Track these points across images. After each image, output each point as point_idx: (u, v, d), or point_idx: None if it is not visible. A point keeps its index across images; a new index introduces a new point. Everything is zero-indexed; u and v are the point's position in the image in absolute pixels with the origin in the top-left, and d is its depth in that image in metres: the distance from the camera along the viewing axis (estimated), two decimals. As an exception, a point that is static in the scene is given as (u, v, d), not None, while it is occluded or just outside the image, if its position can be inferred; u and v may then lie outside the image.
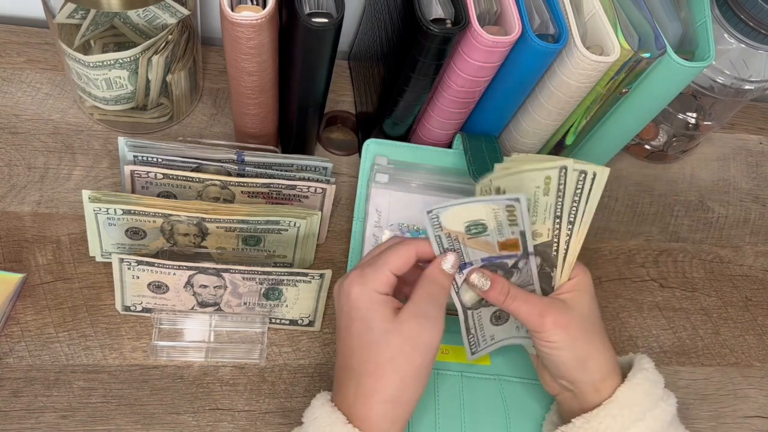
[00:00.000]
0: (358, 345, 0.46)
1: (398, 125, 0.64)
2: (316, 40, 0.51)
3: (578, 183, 0.49)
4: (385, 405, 0.45)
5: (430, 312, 0.47)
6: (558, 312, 0.49)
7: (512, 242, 0.49)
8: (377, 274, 0.47)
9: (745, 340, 0.69)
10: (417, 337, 0.46)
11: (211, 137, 0.68)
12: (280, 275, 0.56)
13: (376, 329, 0.46)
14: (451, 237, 0.48)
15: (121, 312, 0.57)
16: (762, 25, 0.61)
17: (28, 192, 0.62)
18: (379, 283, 0.47)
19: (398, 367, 0.45)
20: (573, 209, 0.50)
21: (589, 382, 0.50)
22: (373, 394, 0.45)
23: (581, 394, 0.51)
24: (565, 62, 0.54)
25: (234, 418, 0.56)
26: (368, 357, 0.46)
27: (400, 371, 0.45)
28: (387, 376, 0.45)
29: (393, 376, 0.45)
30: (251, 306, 0.58)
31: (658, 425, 0.49)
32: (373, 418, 0.45)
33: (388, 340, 0.45)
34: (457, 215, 0.48)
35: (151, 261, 0.54)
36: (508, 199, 0.47)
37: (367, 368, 0.46)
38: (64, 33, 0.60)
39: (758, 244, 0.76)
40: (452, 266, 0.48)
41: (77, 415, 0.53)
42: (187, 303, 0.57)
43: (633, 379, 0.50)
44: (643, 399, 0.49)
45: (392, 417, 0.46)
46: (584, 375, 0.50)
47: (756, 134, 0.85)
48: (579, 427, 0.49)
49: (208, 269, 0.54)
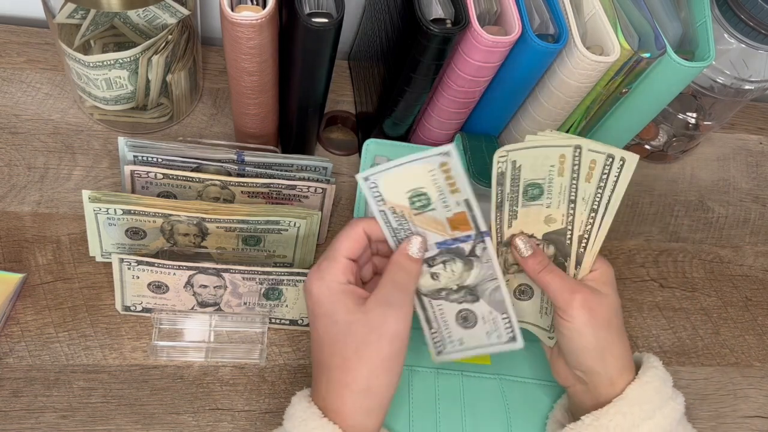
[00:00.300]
0: (326, 340, 0.46)
1: (398, 125, 0.64)
2: (316, 40, 0.51)
3: (605, 168, 0.47)
4: (355, 396, 0.45)
5: (395, 299, 0.46)
6: (589, 294, 0.49)
7: (460, 217, 0.47)
8: (332, 264, 0.47)
9: (745, 340, 0.69)
10: (382, 326, 0.45)
11: (211, 137, 0.68)
12: (280, 275, 0.56)
13: (341, 321, 0.46)
14: (397, 213, 0.47)
15: (121, 312, 0.57)
16: (762, 25, 0.61)
17: (28, 192, 0.62)
18: (336, 273, 0.46)
19: (365, 357, 0.45)
20: (597, 196, 0.49)
21: (605, 375, 0.50)
22: (343, 387, 0.45)
23: (595, 386, 0.50)
24: (565, 62, 0.54)
25: (234, 418, 0.56)
26: (335, 350, 0.46)
27: (368, 361, 0.45)
28: (355, 367, 0.45)
29: (361, 366, 0.45)
30: (251, 306, 0.58)
31: (667, 423, 0.49)
32: (346, 410, 0.45)
33: (353, 331, 0.45)
34: (396, 182, 0.46)
35: (151, 261, 0.54)
36: (439, 154, 0.44)
37: (335, 361, 0.46)
38: (64, 33, 0.60)
39: (758, 244, 0.76)
40: (418, 250, 0.47)
41: (77, 415, 0.53)
42: (187, 303, 0.57)
43: (643, 377, 0.50)
44: (653, 397, 0.49)
45: (365, 407, 0.45)
46: (602, 366, 0.50)
47: (756, 134, 0.85)
48: (588, 425, 0.49)
49: (208, 269, 0.54)
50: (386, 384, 0.46)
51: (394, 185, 0.46)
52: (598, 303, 0.49)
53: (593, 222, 0.49)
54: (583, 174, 0.48)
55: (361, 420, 0.45)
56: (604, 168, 0.47)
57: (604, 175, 0.48)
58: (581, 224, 0.50)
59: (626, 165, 0.47)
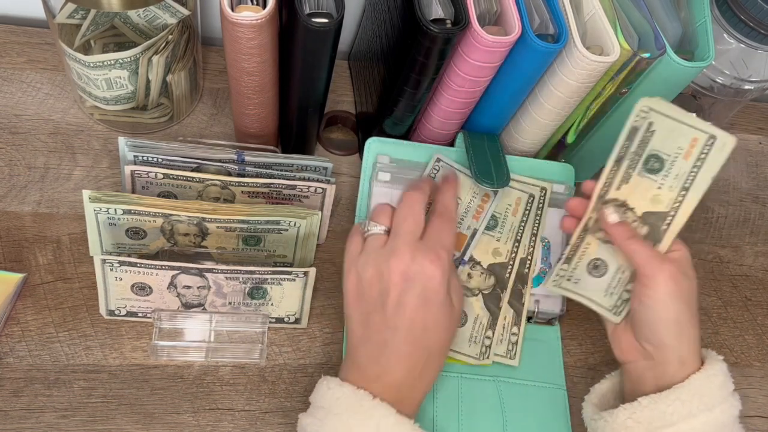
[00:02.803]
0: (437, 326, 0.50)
1: (398, 125, 0.64)
2: (316, 40, 0.51)
3: (704, 147, 0.47)
4: None
5: None
6: (676, 267, 0.50)
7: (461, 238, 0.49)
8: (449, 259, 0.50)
9: (744, 340, 0.70)
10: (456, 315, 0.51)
11: (211, 137, 0.68)
12: (263, 274, 0.55)
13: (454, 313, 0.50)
14: None
15: (105, 317, 0.57)
16: (762, 25, 0.61)
17: (28, 192, 0.62)
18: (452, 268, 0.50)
19: None
20: (692, 174, 0.48)
21: (676, 352, 0.50)
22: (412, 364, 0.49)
23: (664, 363, 0.50)
24: (565, 62, 0.54)
25: (234, 418, 0.56)
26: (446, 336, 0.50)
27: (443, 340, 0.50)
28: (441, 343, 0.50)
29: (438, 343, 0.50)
30: (236, 306, 0.58)
31: (725, 418, 0.49)
32: None
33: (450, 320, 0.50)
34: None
35: (133, 261, 0.53)
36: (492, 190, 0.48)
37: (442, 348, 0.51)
38: (64, 33, 0.60)
39: (758, 244, 0.76)
40: None
41: (77, 414, 0.53)
42: (171, 305, 0.57)
43: (710, 369, 0.49)
44: (715, 391, 0.49)
45: None
46: (676, 341, 0.50)
47: (756, 134, 0.85)
48: (645, 407, 0.49)
49: (191, 269, 0.54)
50: None
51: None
52: (683, 277, 0.50)
53: (681, 200, 0.49)
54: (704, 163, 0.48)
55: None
56: (704, 148, 0.47)
57: (703, 154, 0.47)
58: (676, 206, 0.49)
59: (723, 147, 0.47)
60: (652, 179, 0.49)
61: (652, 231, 0.50)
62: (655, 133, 0.48)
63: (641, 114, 0.49)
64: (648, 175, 0.49)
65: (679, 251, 0.51)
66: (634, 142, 0.49)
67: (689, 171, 0.47)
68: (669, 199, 0.49)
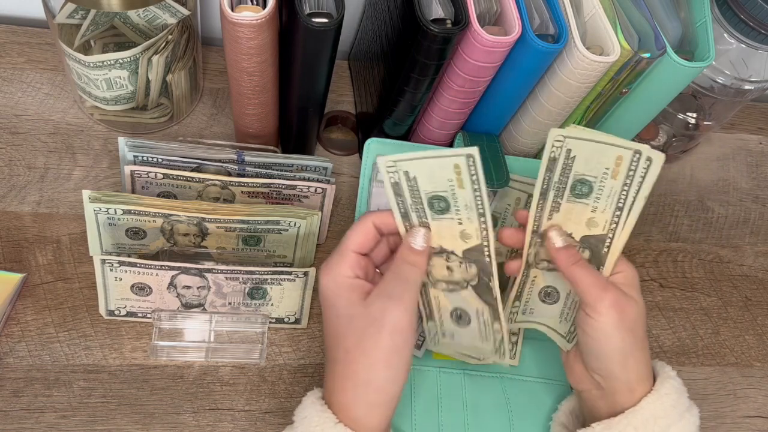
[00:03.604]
0: (331, 333, 0.47)
1: (398, 125, 0.64)
2: (316, 40, 0.51)
3: (631, 164, 0.45)
4: (358, 389, 0.45)
5: (396, 291, 0.46)
6: (620, 294, 0.48)
7: None
8: (340, 259, 0.47)
9: (745, 340, 0.70)
10: (381, 318, 0.44)
11: (211, 137, 0.68)
12: (263, 274, 0.55)
13: (342, 315, 0.46)
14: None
15: (105, 317, 0.57)
16: (762, 25, 0.61)
17: (28, 192, 0.62)
18: (343, 267, 0.47)
19: (365, 350, 0.45)
20: (623, 193, 0.46)
21: (625, 381, 0.48)
22: (346, 379, 0.45)
23: (613, 392, 0.49)
24: (565, 62, 0.54)
25: (234, 418, 0.56)
26: (338, 343, 0.46)
27: (368, 354, 0.45)
28: (356, 360, 0.45)
29: (361, 359, 0.45)
30: (236, 306, 0.58)
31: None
32: (349, 402, 0.45)
33: (354, 324, 0.45)
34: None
35: (133, 261, 0.53)
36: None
37: (338, 354, 0.46)
38: (64, 33, 0.60)
39: (758, 244, 0.76)
40: (423, 242, 0.47)
41: (77, 415, 0.53)
42: (171, 305, 0.57)
43: (661, 389, 0.48)
44: (669, 411, 0.48)
45: (368, 401, 0.45)
46: (623, 371, 0.48)
47: (756, 134, 0.85)
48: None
49: (191, 269, 0.54)
50: (389, 378, 0.45)
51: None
52: (627, 305, 0.47)
53: (618, 221, 0.48)
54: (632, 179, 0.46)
55: (365, 413, 0.45)
56: (631, 164, 0.45)
57: (631, 171, 0.46)
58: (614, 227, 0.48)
59: (653, 164, 0.45)
60: (584, 203, 0.48)
61: (594, 254, 0.49)
62: (577, 159, 0.47)
63: (556, 144, 0.47)
64: (579, 200, 0.48)
65: (623, 272, 0.49)
66: (555, 173, 0.47)
67: (620, 190, 0.46)
68: (604, 220, 0.48)
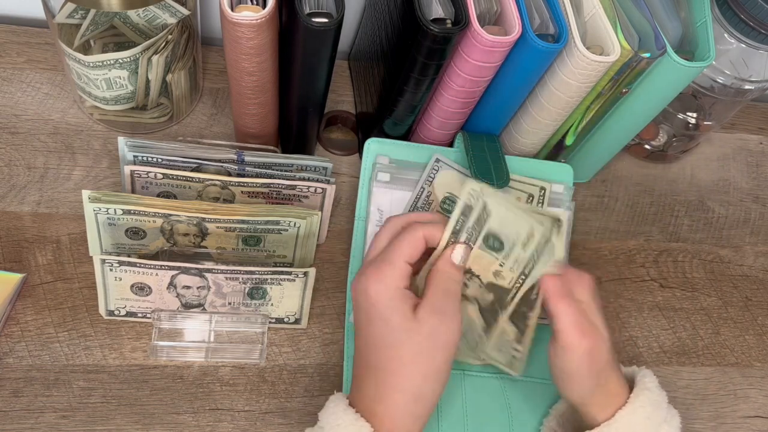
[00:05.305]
0: (380, 344, 0.46)
1: (398, 125, 0.64)
2: (316, 40, 0.51)
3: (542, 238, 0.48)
4: (407, 402, 0.45)
5: (448, 308, 0.47)
6: (595, 342, 0.48)
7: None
8: (394, 269, 0.47)
9: (745, 340, 0.69)
10: (437, 335, 0.46)
11: (211, 137, 0.68)
12: (263, 274, 0.55)
13: (397, 328, 0.46)
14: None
15: (105, 317, 0.57)
16: (762, 25, 0.61)
17: (28, 192, 0.62)
18: (397, 278, 0.47)
19: (420, 364, 0.45)
20: (530, 263, 0.49)
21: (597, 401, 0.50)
22: (395, 392, 0.45)
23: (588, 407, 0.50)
24: (565, 62, 0.54)
25: (234, 418, 0.56)
26: (390, 355, 0.46)
27: (422, 368, 0.46)
28: (410, 373, 0.45)
29: (416, 373, 0.45)
30: (236, 306, 0.58)
31: None
32: (397, 414, 0.45)
33: (409, 339, 0.46)
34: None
35: (132, 261, 0.53)
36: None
37: (390, 366, 0.46)
38: (64, 33, 0.60)
39: (758, 244, 0.76)
40: (462, 259, 0.48)
41: (77, 415, 0.53)
42: (170, 305, 0.57)
43: (635, 402, 0.49)
44: (645, 423, 0.48)
45: (414, 414, 0.46)
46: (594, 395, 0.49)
47: (756, 134, 0.85)
48: None
49: (191, 269, 0.54)
50: (435, 392, 0.46)
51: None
52: (599, 349, 0.48)
53: (522, 284, 0.49)
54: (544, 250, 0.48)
55: (409, 425, 0.46)
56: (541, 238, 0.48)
57: (540, 245, 0.48)
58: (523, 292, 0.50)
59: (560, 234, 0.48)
60: (494, 256, 0.49)
61: (498, 298, 0.50)
62: (493, 215, 0.48)
63: (472, 194, 0.48)
64: (489, 251, 0.49)
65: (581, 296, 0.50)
66: (470, 219, 0.48)
67: (528, 260, 0.48)
68: (511, 278, 0.49)
